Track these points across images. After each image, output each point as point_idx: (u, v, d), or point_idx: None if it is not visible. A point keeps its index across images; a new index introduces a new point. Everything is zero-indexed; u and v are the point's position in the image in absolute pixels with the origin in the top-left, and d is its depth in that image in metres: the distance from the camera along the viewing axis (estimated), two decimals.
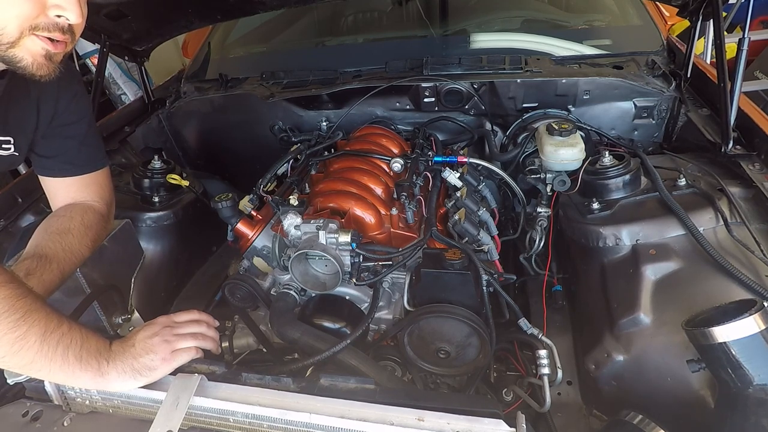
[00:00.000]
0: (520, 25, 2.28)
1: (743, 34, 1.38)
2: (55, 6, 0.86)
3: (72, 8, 0.87)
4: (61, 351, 0.84)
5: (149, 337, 0.96)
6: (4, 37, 0.84)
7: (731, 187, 1.27)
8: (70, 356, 0.85)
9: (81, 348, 0.87)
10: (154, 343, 0.95)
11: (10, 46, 0.86)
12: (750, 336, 0.82)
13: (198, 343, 1.02)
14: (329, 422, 0.82)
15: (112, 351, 0.92)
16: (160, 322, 1.01)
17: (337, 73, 1.98)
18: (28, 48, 0.87)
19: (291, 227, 1.25)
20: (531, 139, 1.68)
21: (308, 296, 1.29)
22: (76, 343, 0.86)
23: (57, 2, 0.86)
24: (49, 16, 0.87)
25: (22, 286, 0.85)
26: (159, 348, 0.95)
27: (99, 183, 1.27)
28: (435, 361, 1.17)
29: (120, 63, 3.92)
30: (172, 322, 1.03)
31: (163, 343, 0.96)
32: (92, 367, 0.88)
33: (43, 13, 0.86)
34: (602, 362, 1.11)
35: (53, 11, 0.87)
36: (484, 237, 1.39)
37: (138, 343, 0.95)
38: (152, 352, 0.94)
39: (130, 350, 0.93)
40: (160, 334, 0.98)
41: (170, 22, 1.92)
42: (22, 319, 0.81)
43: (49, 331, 0.84)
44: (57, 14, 0.87)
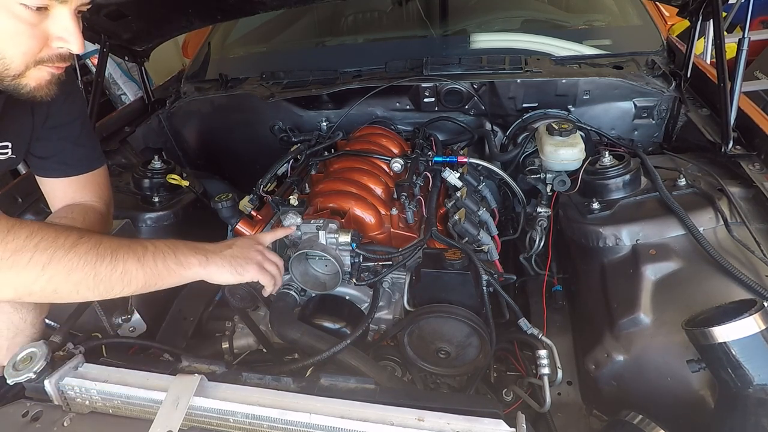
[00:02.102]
0: (520, 25, 2.28)
1: (743, 34, 1.38)
2: (58, 39, 0.89)
3: (74, 40, 0.90)
4: (161, 264, 0.94)
5: (248, 246, 1.09)
6: (10, 71, 0.87)
7: (731, 187, 1.27)
8: (171, 264, 0.95)
9: (176, 255, 0.97)
10: (252, 251, 1.08)
11: (15, 78, 0.89)
12: (750, 336, 0.82)
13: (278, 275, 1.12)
14: (329, 422, 0.82)
15: (208, 249, 1.02)
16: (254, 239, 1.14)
17: (337, 73, 1.98)
18: (33, 77, 0.91)
19: (291, 227, 1.25)
20: (531, 139, 1.68)
21: (308, 296, 1.29)
22: (168, 253, 0.96)
23: (60, 35, 0.89)
24: (52, 47, 0.90)
25: (94, 236, 0.91)
26: (255, 257, 1.08)
27: (97, 183, 1.27)
28: (435, 361, 1.17)
29: (120, 63, 3.92)
30: (263, 243, 1.15)
31: (258, 254, 1.09)
32: (193, 263, 0.98)
33: (47, 46, 0.89)
34: (602, 362, 1.11)
35: (56, 43, 0.89)
36: (484, 237, 1.39)
37: (236, 248, 1.06)
38: (249, 258, 1.06)
39: (227, 250, 1.05)
40: (256, 249, 1.10)
41: (170, 22, 1.92)
42: (114, 258, 0.89)
43: (140, 256, 0.92)
44: (60, 45, 0.90)
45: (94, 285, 0.88)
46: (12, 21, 0.83)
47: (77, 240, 0.87)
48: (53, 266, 0.84)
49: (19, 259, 0.82)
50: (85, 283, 0.87)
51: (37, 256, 0.83)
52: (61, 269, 0.85)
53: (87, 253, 0.87)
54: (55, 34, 0.88)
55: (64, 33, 0.88)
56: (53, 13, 0.87)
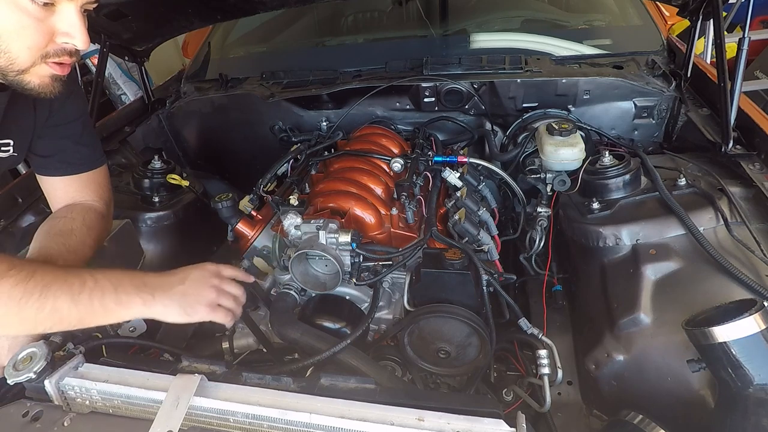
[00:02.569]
0: (520, 25, 2.28)
1: (743, 34, 1.38)
2: (64, 34, 0.90)
3: (80, 35, 0.90)
4: (97, 303, 0.88)
5: (201, 280, 0.99)
6: (16, 65, 0.88)
7: (731, 186, 1.27)
8: (110, 303, 0.89)
9: (116, 292, 0.90)
10: (205, 287, 0.99)
11: (21, 73, 0.90)
12: (750, 336, 0.82)
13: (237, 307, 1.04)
14: (329, 422, 0.82)
15: (156, 285, 0.95)
16: (211, 271, 1.03)
17: (337, 73, 1.98)
18: (37, 73, 0.91)
19: (291, 227, 1.25)
20: (531, 139, 1.68)
21: (308, 296, 1.29)
22: (109, 290, 0.90)
23: (66, 30, 0.89)
24: (57, 43, 0.90)
25: (26, 267, 0.87)
26: (209, 295, 0.98)
27: (97, 182, 1.28)
28: (435, 361, 1.17)
29: (120, 63, 3.92)
30: (220, 274, 1.05)
31: (213, 291, 0.99)
32: (135, 303, 0.92)
33: (52, 41, 0.89)
34: (602, 362, 1.11)
35: (62, 38, 0.90)
36: (484, 237, 1.39)
37: (189, 282, 0.98)
38: (200, 295, 0.97)
39: (178, 287, 0.96)
40: (211, 282, 1.01)
41: (170, 22, 1.92)
42: (42, 295, 0.84)
43: (76, 293, 0.87)
44: (65, 41, 0.90)
45: (18, 321, 0.84)
46: (19, 15, 0.84)
47: (4, 273, 0.83)
48: None
49: None
50: (8, 319, 0.83)
51: None
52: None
53: (13, 287, 0.82)
54: (60, 29, 0.89)
55: (69, 29, 0.89)
56: (59, 8, 0.88)
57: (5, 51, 0.86)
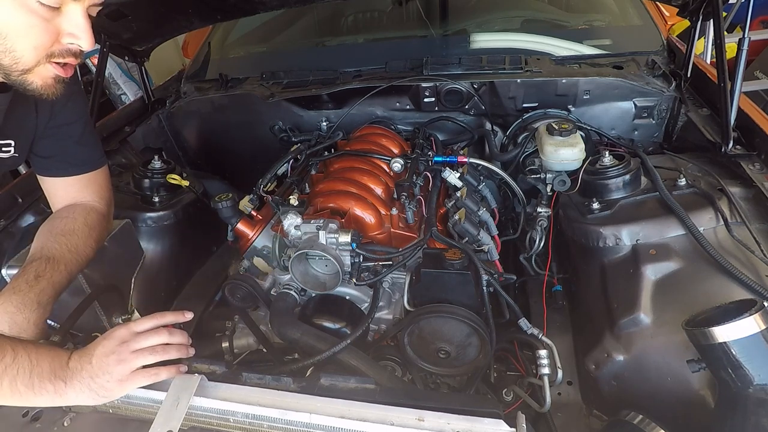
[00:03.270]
0: (520, 25, 2.27)
1: (743, 34, 1.38)
2: (69, 35, 0.90)
3: (85, 36, 0.90)
4: (7, 383, 0.82)
5: (105, 355, 0.91)
6: (20, 65, 0.88)
7: (731, 187, 1.27)
8: (20, 386, 0.83)
9: (30, 375, 0.84)
10: (109, 362, 0.90)
11: (24, 73, 0.89)
12: (750, 336, 0.82)
13: (158, 357, 0.94)
14: (329, 422, 0.82)
15: (70, 369, 0.88)
16: (117, 337, 0.94)
17: (338, 73, 1.98)
18: (40, 74, 0.91)
19: (291, 227, 1.25)
20: (531, 139, 1.68)
21: (308, 296, 1.29)
22: (24, 371, 0.83)
23: (71, 31, 0.89)
24: (62, 43, 0.90)
25: None
26: (115, 369, 0.90)
27: (98, 182, 1.28)
28: (435, 361, 1.17)
29: (120, 63, 3.92)
30: (131, 334, 0.95)
31: (119, 363, 0.90)
32: (47, 390, 0.85)
33: (57, 41, 0.89)
34: (602, 362, 1.11)
35: (67, 39, 0.90)
36: (484, 237, 1.39)
37: (95, 360, 0.90)
38: (107, 373, 0.89)
39: (87, 368, 0.89)
40: (117, 352, 0.91)
41: (170, 22, 1.92)
42: None
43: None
44: (70, 42, 0.91)
45: None
46: (26, 15, 0.84)
47: None
48: None
49: None
50: None
51: None
52: None
53: None
54: (66, 30, 0.89)
55: (75, 30, 0.89)
56: (66, 9, 0.88)
57: (10, 50, 0.86)
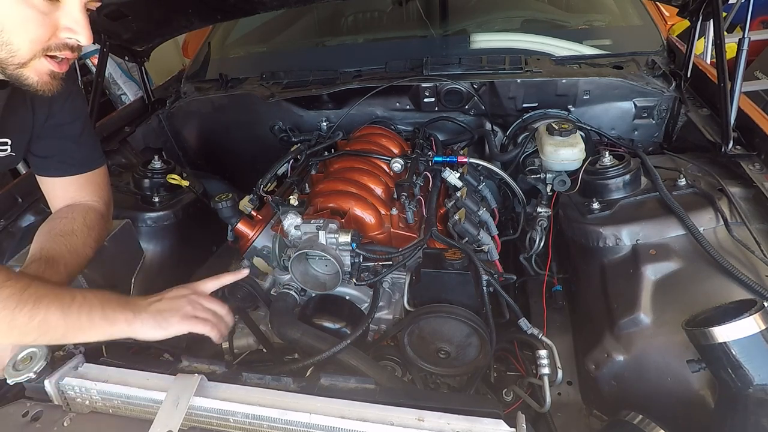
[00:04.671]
0: (520, 25, 2.28)
1: (743, 34, 1.38)
2: (66, 29, 0.90)
3: (83, 31, 0.91)
4: (85, 318, 0.92)
5: (176, 297, 1.05)
6: (16, 58, 0.88)
7: (731, 187, 1.27)
8: (96, 319, 0.93)
9: (103, 309, 0.95)
10: (180, 301, 1.04)
11: (20, 66, 0.89)
12: (750, 336, 0.82)
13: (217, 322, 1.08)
14: (329, 422, 0.82)
15: (137, 304, 1.00)
16: (190, 287, 1.09)
17: (337, 73, 1.98)
18: (35, 68, 0.91)
19: (291, 227, 1.25)
20: (531, 139, 1.68)
21: (308, 296, 1.29)
22: (96, 307, 0.94)
23: (69, 25, 0.90)
24: (60, 37, 0.90)
25: (22, 279, 0.90)
26: (184, 307, 1.03)
27: (97, 182, 1.28)
28: (435, 361, 1.17)
29: (120, 63, 3.92)
30: (201, 291, 1.10)
31: (188, 304, 1.04)
32: (119, 320, 0.96)
33: (54, 36, 0.89)
34: (602, 362, 1.11)
35: (65, 34, 0.90)
36: (484, 237, 1.39)
37: (165, 299, 1.04)
38: (176, 309, 1.02)
39: (155, 304, 1.02)
40: (188, 298, 1.06)
41: (170, 22, 1.92)
42: (35, 307, 0.88)
43: (66, 306, 0.90)
44: (68, 36, 0.91)
45: (7, 330, 0.87)
46: (23, 8, 0.84)
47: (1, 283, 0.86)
48: None
49: None
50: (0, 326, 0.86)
51: None
52: None
53: (8, 297, 0.86)
54: (64, 24, 0.89)
55: (73, 24, 0.89)
56: (64, 3, 0.88)
57: (7, 43, 0.86)
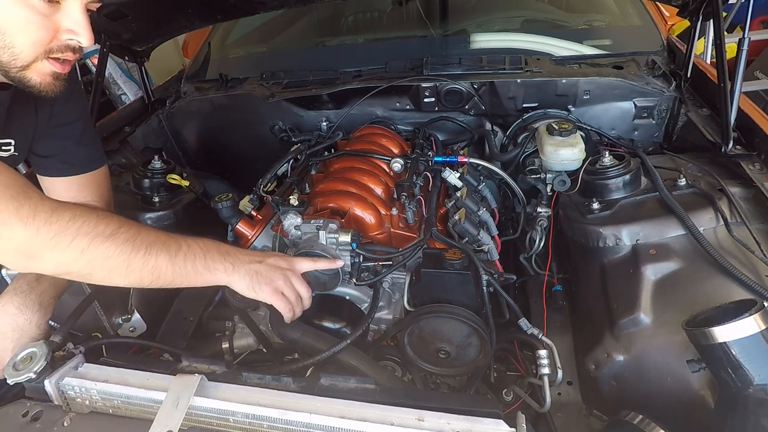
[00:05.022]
0: (520, 25, 2.28)
1: (743, 34, 1.38)
2: (68, 31, 0.91)
3: (84, 32, 0.91)
4: (190, 266, 0.98)
5: (276, 268, 1.07)
6: (19, 61, 0.89)
7: (731, 187, 1.27)
8: (199, 267, 0.99)
9: (205, 258, 1.00)
10: (277, 272, 1.07)
11: (23, 69, 0.90)
12: (750, 336, 0.82)
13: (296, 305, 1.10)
14: (329, 422, 0.82)
15: (238, 258, 1.04)
16: (287, 260, 1.11)
17: (338, 73, 1.98)
18: (38, 70, 0.92)
19: (291, 227, 1.25)
20: (531, 139, 1.68)
21: None
22: (199, 256, 0.99)
23: (70, 27, 0.90)
24: (61, 39, 0.91)
25: (133, 227, 0.95)
26: (278, 279, 1.06)
27: (98, 182, 1.28)
28: (435, 361, 1.17)
29: (120, 63, 3.92)
30: (296, 269, 1.12)
31: (282, 278, 1.07)
32: (219, 270, 1.01)
33: (56, 38, 0.90)
34: (602, 362, 1.11)
35: (66, 35, 0.91)
36: (484, 237, 1.39)
37: (264, 265, 1.06)
38: (271, 278, 1.05)
39: (255, 264, 1.05)
40: (284, 271, 1.08)
41: (170, 22, 1.92)
42: (147, 252, 0.93)
43: (173, 254, 0.96)
44: (69, 38, 0.91)
45: (126, 274, 0.93)
46: (25, 11, 0.84)
47: (116, 229, 0.91)
48: (91, 251, 0.88)
49: (62, 240, 0.86)
50: (118, 271, 0.92)
51: (77, 240, 0.87)
52: (98, 255, 0.89)
53: (124, 243, 0.91)
54: (65, 26, 0.90)
55: (74, 26, 0.90)
56: (65, 6, 0.89)
57: (9, 46, 0.86)
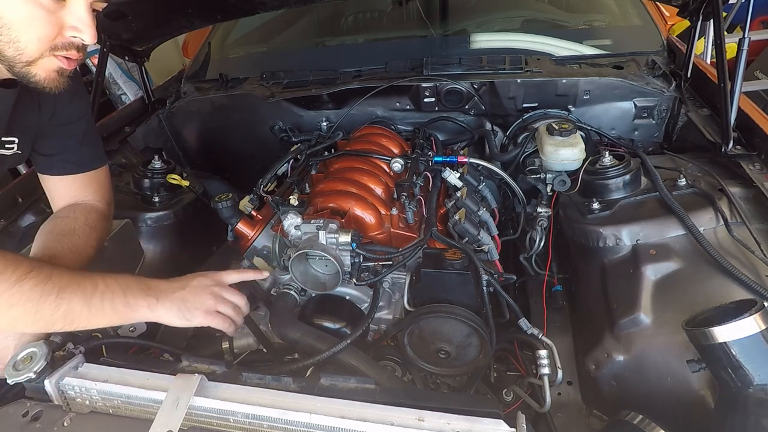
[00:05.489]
0: (521, 25, 2.28)
1: (743, 34, 1.38)
2: (72, 28, 0.91)
3: (88, 30, 0.92)
4: (108, 305, 0.94)
5: (201, 288, 1.05)
6: (24, 56, 0.89)
7: (731, 187, 1.27)
8: (119, 306, 0.95)
9: (125, 295, 0.96)
10: (204, 294, 1.05)
11: (28, 64, 0.91)
12: (750, 336, 0.82)
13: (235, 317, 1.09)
14: (329, 422, 0.82)
15: (161, 290, 1.01)
16: (212, 278, 1.10)
17: (338, 73, 1.98)
18: (43, 66, 0.92)
19: (291, 227, 1.25)
20: (531, 139, 1.68)
21: (308, 296, 1.29)
22: (118, 293, 0.96)
23: (74, 24, 0.91)
24: (65, 36, 0.92)
25: (44, 269, 0.91)
26: (207, 301, 1.04)
27: (99, 182, 1.28)
28: (435, 361, 1.17)
29: (120, 63, 3.92)
30: (222, 282, 1.11)
31: (212, 298, 1.05)
32: (141, 306, 0.98)
33: (60, 34, 0.91)
34: (602, 362, 1.11)
35: (70, 32, 0.92)
36: (484, 237, 1.39)
37: (189, 289, 1.04)
38: (200, 302, 1.03)
39: (179, 292, 1.02)
40: (211, 290, 1.06)
41: (170, 22, 1.92)
42: (59, 297, 0.89)
43: (88, 295, 0.93)
44: (73, 35, 0.92)
45: (33, 321, 0.89)
46: (30, 6, 0.85)
47: (24, 275, 0.87)
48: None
49: None
50: (24, 318, 0.88)
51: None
52: (2, 303, 0.85)
53: (32, 289, 0.87)
54: (69, 23, 0.91)
55: (78, 23, 0.91)
56: (70, 3, 0.90)
57: (15, 41, 0.87)
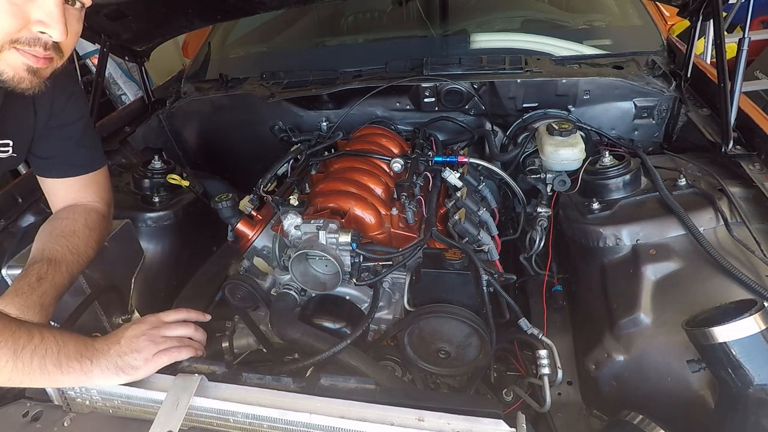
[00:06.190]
0: (521, 25, 2.28)
1: (743, 34, 1.38)
2: (38, 22, 0.85)
3: (55, 26, 0.85)
4: (37, 363, 0.85)
5: (136, 336, 0.97)
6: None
7: (731, 187, 1.27)
8: (48, 365, 0.86)
9: (58, 354, 0.88)
10: (139, 342, 0.96)
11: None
12: (750, 336, 0.82)
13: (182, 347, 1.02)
14: (329, 422, 0.82)
15: (96, 349, 0.93)
16: (148, 321, 1.02)
17: (338, 73, 1.98)
18: (7, 61, 0.86)
19: (291, 227, 1.25)
20: (531, 139, 1.68)
21: (308, 296, 1.29)
22: (51, 351, 0.87)
23: (40, 18, 0.84)
24: (31, 31, 0.85)
25: None
26: (144, 348, 0.96)
27: (98, 183, 1.28)
28: (435, 361, 1.17)
29: (120, 63, 3.92)
30: (160, 322, 1.04)
31: (149, 344, 0.97)
32: (74, 369, 0.89)
33: (26, 28, 0.85)
34: (602, 362, 1.11)
35: (36, 27, 0.85)
36: (484, 237, 1.39)
37: (124, 341, 0.96)
38: (136, 351, 0.95)
39: (114, 347, 0.94)
40: (147, 334, 0.98)
41: (170, 22, 1.92)
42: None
43: (20, 348, 0.84)
44: (40, 30, 0.85)
45: None
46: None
47: None
48: None
49: None
50: None
51: None
52: None
53: None
54: (36, 17, 0.84)
55: (46, 18, 0.84)
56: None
57: None
